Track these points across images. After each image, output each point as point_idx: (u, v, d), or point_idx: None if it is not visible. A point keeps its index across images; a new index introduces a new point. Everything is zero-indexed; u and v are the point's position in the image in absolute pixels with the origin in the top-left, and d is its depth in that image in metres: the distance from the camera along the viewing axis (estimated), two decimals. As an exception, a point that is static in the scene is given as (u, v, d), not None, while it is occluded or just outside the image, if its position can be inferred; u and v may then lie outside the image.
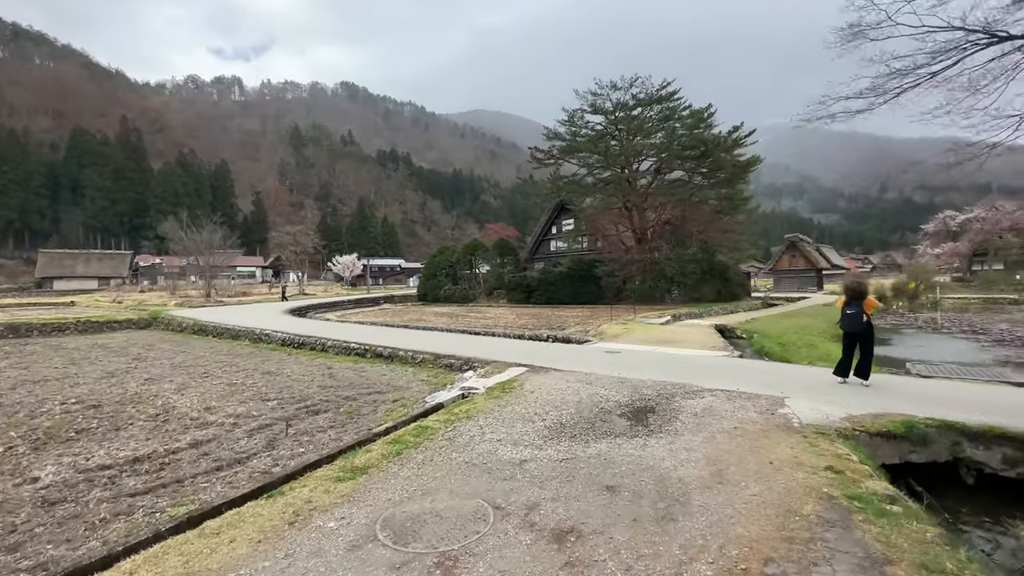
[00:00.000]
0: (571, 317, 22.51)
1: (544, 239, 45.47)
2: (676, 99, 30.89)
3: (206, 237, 35.80)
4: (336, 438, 5.66)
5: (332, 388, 8.65)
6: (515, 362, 9.04)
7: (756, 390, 6.52)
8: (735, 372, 7.89)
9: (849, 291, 6.92)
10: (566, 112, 32.55)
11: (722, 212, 31.43)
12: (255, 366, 11.21)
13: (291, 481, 3.86)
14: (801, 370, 8.13)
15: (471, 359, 9.69)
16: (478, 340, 13.35)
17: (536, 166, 33.79)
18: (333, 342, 13.03)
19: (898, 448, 4.94)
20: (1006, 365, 10.39)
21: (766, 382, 7.03)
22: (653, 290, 28.66)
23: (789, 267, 55.70)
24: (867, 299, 6.65)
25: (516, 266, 39.75)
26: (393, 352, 11.27)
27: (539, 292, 33.53)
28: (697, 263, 28.18)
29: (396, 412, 6.74)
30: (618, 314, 21.67)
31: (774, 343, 14.26)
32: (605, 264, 30.33)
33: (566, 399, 6.27)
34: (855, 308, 6.69)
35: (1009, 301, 31.37)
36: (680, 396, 6.33)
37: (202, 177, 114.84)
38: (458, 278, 41.90)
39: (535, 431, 4.99)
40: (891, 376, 7.68)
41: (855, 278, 6.99)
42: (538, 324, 19.70)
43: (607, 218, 32.00)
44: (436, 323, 19.95)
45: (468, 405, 6.05)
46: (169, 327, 21.78)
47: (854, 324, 6.71)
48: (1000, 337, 15.93)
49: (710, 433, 4.76)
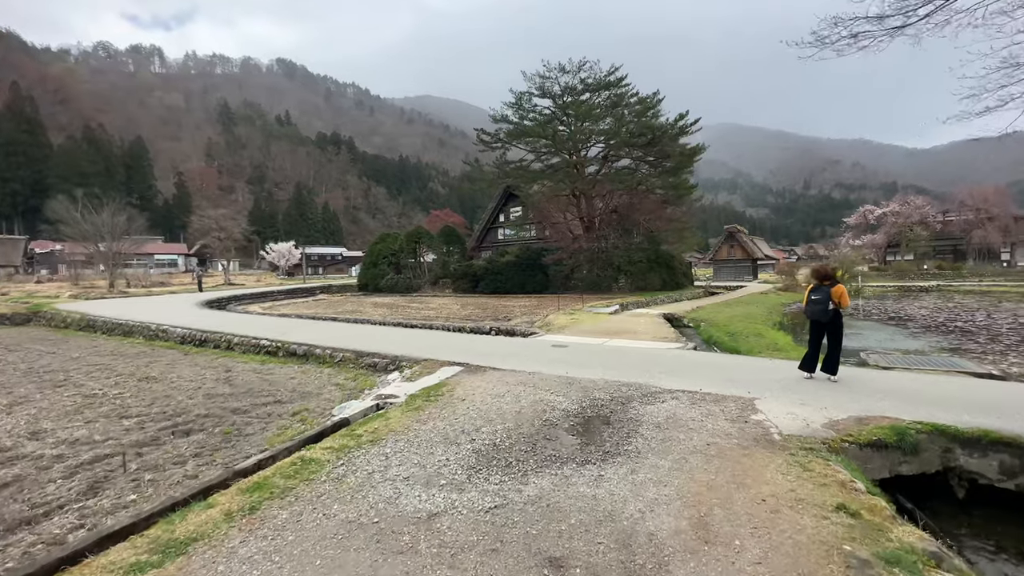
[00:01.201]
0: (518, 307, 21.57)
1: (492, 227, 44.23)
2: (624, 85, 30.44)
3: (106, 220, 31.35)
4: (192, 474, 4.19)
5: (222, 397, 7.03)
6: (449, 360, 7.81)
7: (721, 390, 5.69)
8: (693, 367, 7.09)
9: (816, 275, 6.25)
10: (513, 94, 31.28)
11: (668, 201, 31.56)
12: (135, 370, 9.24)
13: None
14: (762, 364, 7.46)
15: (399, 357, 8.34)
16: (413, 334, 11.96)
17: (482, 149, 32.33)
18: (241, 339, 11.17)
19: (888, 459, 4.20)
20: (954, 353, 10.43)
21: (729, 379, 6.25)
22: (600, 279, 28.27)
23: (727, 257, 57.90)
24: (837, 286, 6.00)
25: (463, 254, 38.34)
26: (309, 350, 9.67)
27: (486, 281, 32.39)
28: (644, 252, 28.06)
29: (289, 431, 5.33)
30: (566, 303, 20.93)
31: (722, 332, 13.91)
32: (553, 253, 29.61)
33: (503, 409, 5.12)
34: (821, 294, 6.02)
35: (919, 289, 33.80)
36: (638, 400, 5.37)
37: (113, 155, 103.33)
38: (401, 267, 39.92)
39: (459, 459, 3.80)
40: (853, 369, 7.16)
41: (824, 265, 6.35)
42: (483, 315, 18.59)
43: (555, 205, 31.23)
44: (372, 315, 18.28)
45: (379, 422, 4.76)
46: (52, 323, 18.65)
47: (819, 312, 6.04)
48: (926, 324, 16.55)
49: (680, 454, 3.78)
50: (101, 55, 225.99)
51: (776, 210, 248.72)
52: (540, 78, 30.93)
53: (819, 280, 6.16)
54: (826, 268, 6.16)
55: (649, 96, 29.58)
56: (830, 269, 6.13)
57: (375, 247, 42.52)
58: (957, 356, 9.12)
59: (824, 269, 6.16)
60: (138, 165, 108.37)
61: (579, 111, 29.08)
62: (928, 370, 7.07)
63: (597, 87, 30.24)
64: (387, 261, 40.48)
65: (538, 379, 6.45)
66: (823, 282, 6.09)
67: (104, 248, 32.10)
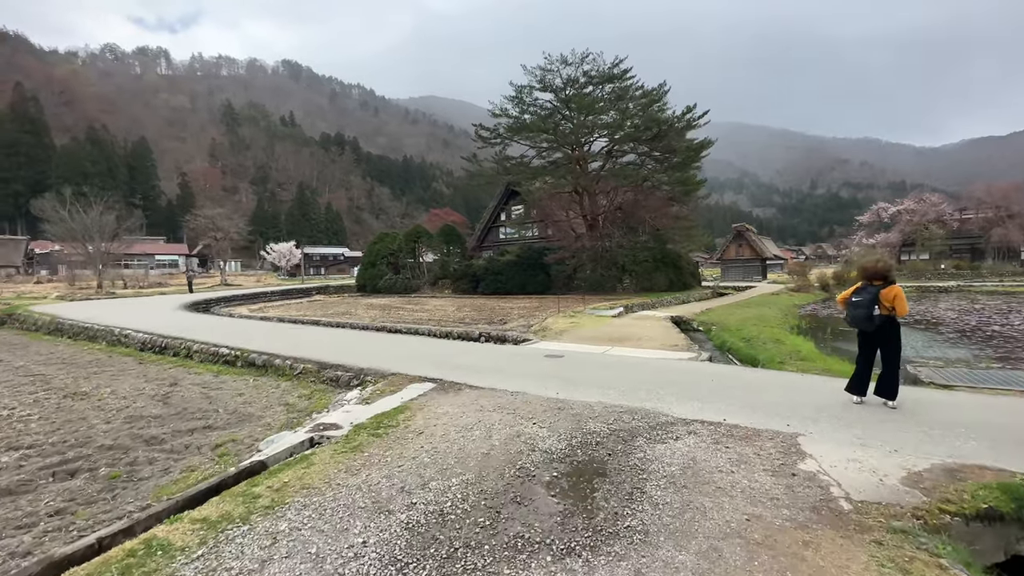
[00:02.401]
0: (516, 309, 20.39)
1: (493, 226, 43.06)
2: (629, 78, 29.18)
3: (95, 219, 30.38)
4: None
5: (145, 421, 5.87)
6: (422, 375, 6.61)
7: (750, 420, 4.45)
8: (710, 386, 5.84)
9: (864, 272, 4.98)
10: (513, 87, 30.09)
11: (674, 199, 30.27)
12: (70, 383, 8.11)
13: None
14: (793, 381, 6.20)
15: (365, 371, 7.14)
16: (395, 340, 10.78)
17: (481, 145, 31.15)
18: (201, 346, 10.02)
19: (1004, 536, 2.95)
20: (1007, 364, 9.12)
21: (758, 403, 5.01)
22: (604, 279, 27.01)
23: (736, 256, 56.35)
24: (890, 287, 4.73)
25: (463, 254, 37.22)
26: (269, 360, 8.49)
27: (486, 282, 31.24)
28: (649, 251, 26.77)
29: (194, 475, 4.14)
30: (568, 305, 19.70)
31: (736, 338, 12.65)
32: (555, 252, 28.39)
33: (468, 449, 3.91)
34: (865, 296, 4.75)
35: (938, 289, 32.24)
36: (644, 436, 4.14)
37: (116, 155, 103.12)
38: (400, 267, 38.89)
39: (381, 543, 2.59)
40: (906, 388, 5.88)
41: (873, 256, 5.01)
42: (478, 317, 17.43)
43: (557, 203, 30.00)
44: (362, 317, 17.15)
45: (297, 469, 3.57)
46: (24, 326, 17.68)
47: (861, 317, 4.78)
48: (960, 328, 15.17)
49: (707, 539, 2.55)
50: (108, 57, 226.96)
51: (783, 210, 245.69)
52: (541, 71, 29.74)
53: (867, 279, 4.89)
54: (877, 264, 4.87)
55: (655, 88, 28.27)
56: (881, 265, 4.85)
57: (373, 247, 41.52)
58: (1020, 370, 7.81)
59: (874, 265, 4.87)
60: (141, 165, 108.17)
61: (581, 104, 27.84)
62: (1002, 390, 5.78)
63: (600, 80, 29.01)
64: (385, 261, 39.48)
65: (521, 402, 5.22)
66: (872, 281, 4.83)
67: (92, 248, 31.12)
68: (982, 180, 71.83)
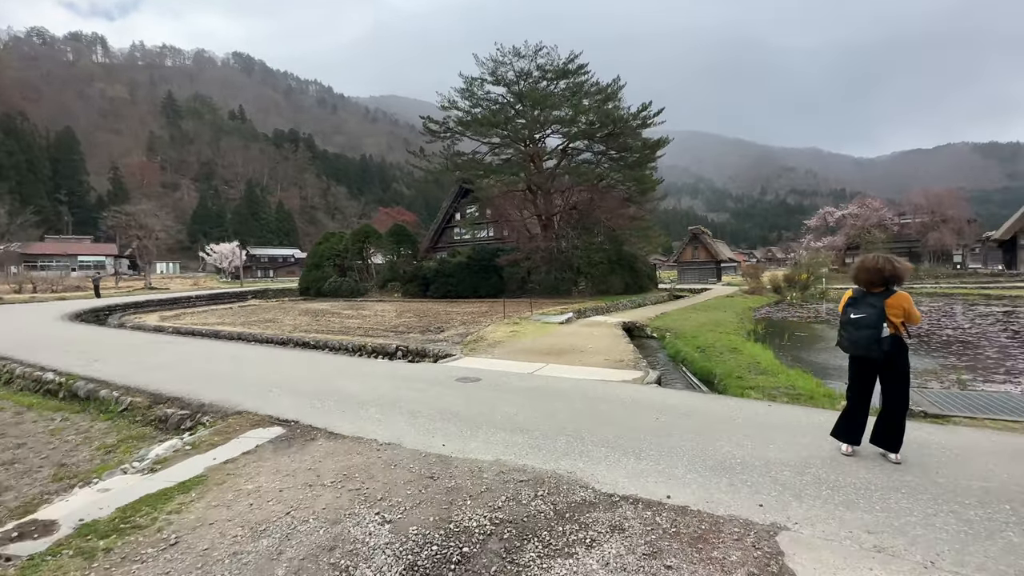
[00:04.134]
0: (462, 314, 18.74)
1: (447, 226, 41.23)
2: (584, 73, 28.14)
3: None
4: None
5: None
6: (275, 415, 4.84)
7: (706, 497, 2.97)
8: (655, 426, 4.38)
9: (863, 275, 3.56)
10: (463, 79, 28.44)
11: (630, 199, 29.47)
12: None
13: None
14: (760, 415, 4.82)
15: (208, 406, 5.29)
16: (292, 358, 8.88)
17: (430, 139, 29.31)
18: (26, 369, 7.80)
19: None
20: (973, 373, 8.20)
21: (716, 458, 3.56)
22: (559, 282, 25.74)
23: (692, 259, 56.79)
24: (896, 295, 3.43)
25: (414, 255, 35.21)
26: (94, 391, 6.43)
27: (436, 284, 29.45)
28: (605, 253, 25.71)
29: None
30: (516, 310, 18.21)
31: (691, 347, 11.46)
32: (508, 253, 26.92)
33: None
34: (868, 309, 3.38)
35: (882, 291, 32.81)
36: (543, 537, 2.57)
37: (38, 146, 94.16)
38: (346, 269, 36.49)
39: None
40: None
41: (881, 256, 3.59)
42: (416, 324, 15.72)
43: (510, 202, 28.56)
44: (283, 326, 15.03)
45: None
46: None
47: (866, 341, 3.35)
48: (914, 333, 14.63)
49: None
50: (35, 41, 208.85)
51: (736, 214, 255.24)
52: (493, 63, 28.27)
53: (867, 285, 3.55)
54: (879, 262, 3.49)
55: (610, 84, 27.34)
56: (888, 267, 3.45)
57: (318, 247, 38.88)
58: (996, 382, 6.84)
59: (875, 264, 3.49)
60: (67, 158, 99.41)
61: (535, 98, 26.51)
62: (1008, 422, 4.61)
63: (555, 75, 27.82)
64: (331, 263, 36.99)
65: (382, 465, 3.57)
66: (872, 288, 3.50)
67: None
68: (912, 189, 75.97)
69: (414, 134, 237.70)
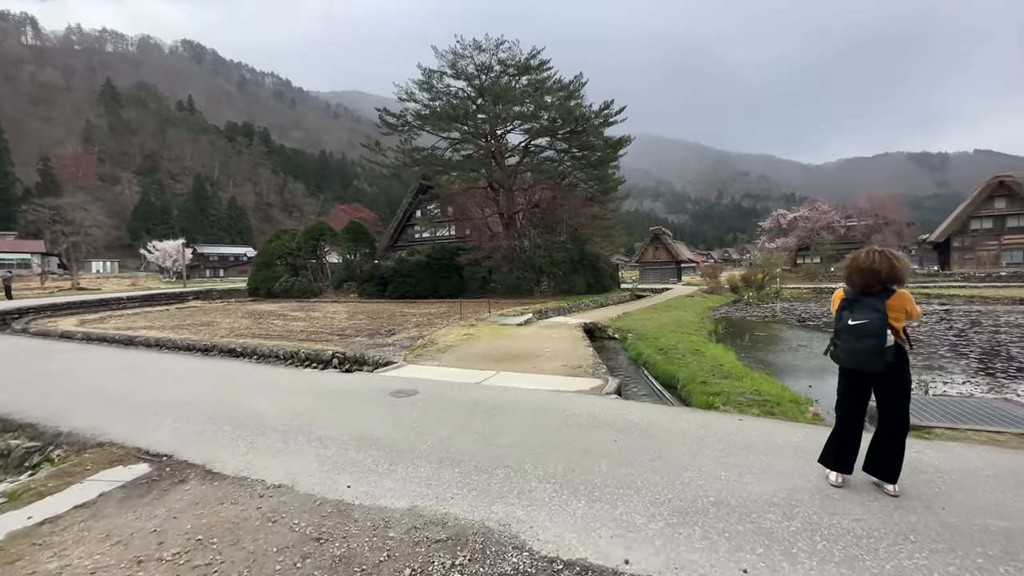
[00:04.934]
0: (417, 316, 17.77)
1: (407, 225, 39.89)
2: (546, 69, 27.61)
3: None
4: None
5: None
6: (145, 448, 3.85)
7: (673, 562, 2.28)
8: (613, 451, 3.68)
9: (860, 276, 2.94)
10: (422, 70, 27.34)
11: (593, 198, 29.22)
12: None
13: None
14: (730, 433, 4.22)
15: (65, 435, 4.23)
16: (210, 368, 7.74)
17: (387, 132, 28.04)
18: None
19: None
20: (931, 372, 8.03)
21: (684, 497, 2.90)
22: (521, 281, 25.10)
23: (653, 259, 57.55)
24: (897, 294, 2.84)
25: (372, 254, 33.75)
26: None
27: (394, 285, 28.24)
28: (567, 252, 25.26)
29: None
30: (475, 311, 17.41)
31: (653, 348, 10.99)
32: (469, 252, 26.05)
33: None
34: (869, 314, 2.80)
35: (830, 291, 33.97)
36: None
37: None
38: (299, 268, 34.56)
39: None
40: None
41: (875, 252, 2.95)
42: (367, 327, 14.68)
43: (471, 199, 27.70)
44: (217, 330, 13.60)
45: None
46: None
47: (868, 353, 2.78)
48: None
49: None
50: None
51: (695, 217, 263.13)
52: (454, 55, 27.31)
53: (861, 284, 2.93)
54: (874, 261, 2.87)
55: (572, 81, 26.93)
56: (886, 266, 2.84)
57: (269, 245, 36.71)
58: (954, 382, 6.61)
59: (870, 264, 2.88)
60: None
61: (496, 92, 25.75)
62: (988, 432, 4.20)
63: (517, 71, 27.13)
64: (283, 262, 34.96)
65: (261, 517, 2.70)
66: (870, 287, 2.90)
67: None
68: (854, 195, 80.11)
69: (378, 132, 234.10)
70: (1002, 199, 41.75)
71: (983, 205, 42.47)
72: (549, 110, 26.06)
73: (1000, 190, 41.85)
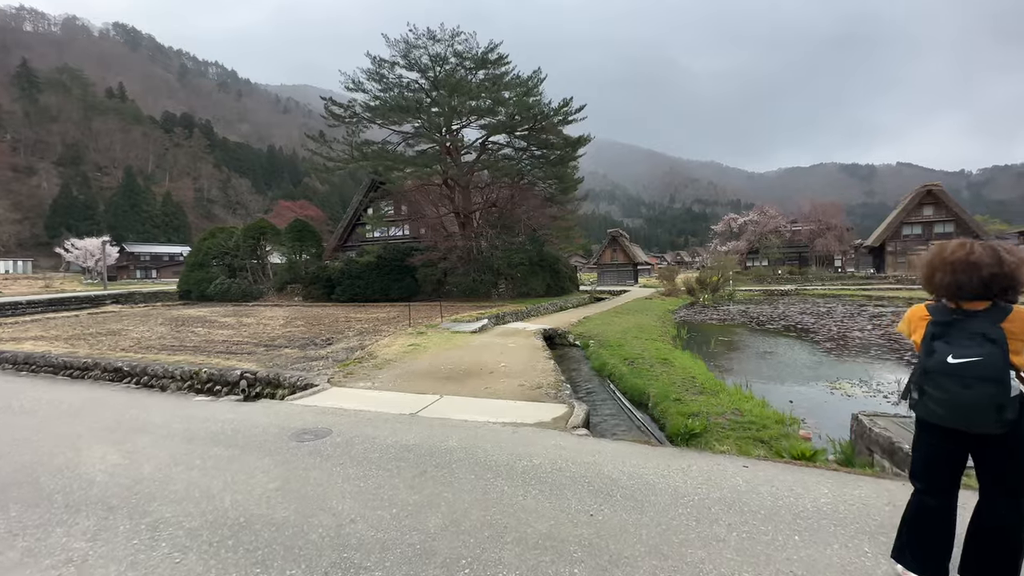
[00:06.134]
0: (363, 321, 16.26)
1: (358, 223, 37.67)
2: (504, 63, 26.54)
3: None
4: None
5: None
6: None
7: None
8: (587, 544, 2.52)
9: (951, 275, 1.92)
10: (371, 59, 25.60)
11: (552, 198, 28.44)
12: None
13: None
14: (740, 494, 3.20)
15: None
16: (63, 397, 6.08)
17: (333, 123, 26.08)
18: None
19: None
20: None
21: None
22: (478, 284, 23.90)
23: (611, 261, 57.73)
24: (1016, 309, 1.84)
25: (319, 255, 31.53)
26: None
27: (342, 287, 26.36)
28: (526, 254, 24.28)
29: None
30: (427, 315, 16.03)
31: (618, 358, 10.10)
32: (422, 252, 24.57)
33: None
34: (985, 348, 1.78)
35: (780, 292, 34.90)
36: None
37: None
38: (237, 269, 31.79)
39: None
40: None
41: (975, 244, 1.87)
42: (302, 335, 13.11)
43: (425, 196, 26.23)
44: (127, 338, 11.60)
45: None
46: None
47: (987, 405, 1.77)
48: (830, 336, 14.63)
49: None
50: None
51: (649, 220, 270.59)
52: (407, 45, 25.72)
53: (954, 295, 1.94)
54: (974, 253, 1.89)
55: (530, 76, 26.00)
56: (994, 262, 1.83)
57: (203, 244, 33.64)
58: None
59: (966, 256, 1.89)
60: None
61: (451, 85, 24.43)
62: None
63: (473, 64, 25.89)
64: (220, 262, 32.08)
65: None
66: (969, 290, 1.88)
67: None
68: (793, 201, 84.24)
69: (330, 126, 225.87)
70: (930, 206, 44.53)
71: (913, 212, 45.15)
72: (507, 105, 25.01)
73: (928, 198, 44.64)
